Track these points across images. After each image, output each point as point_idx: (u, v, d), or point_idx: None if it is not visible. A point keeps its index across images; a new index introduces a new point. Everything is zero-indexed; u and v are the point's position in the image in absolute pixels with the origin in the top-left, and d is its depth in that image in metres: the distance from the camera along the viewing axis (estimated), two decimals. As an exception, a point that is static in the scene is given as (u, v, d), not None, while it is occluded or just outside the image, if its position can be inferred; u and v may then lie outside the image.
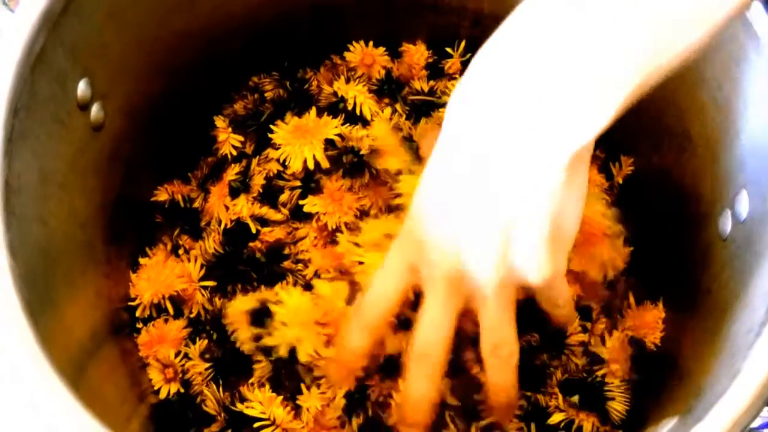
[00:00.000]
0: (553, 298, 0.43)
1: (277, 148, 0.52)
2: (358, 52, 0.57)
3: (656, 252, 0.52)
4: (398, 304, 0.42)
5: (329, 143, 0.52)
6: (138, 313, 0.49)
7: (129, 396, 0.46)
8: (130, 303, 0.49)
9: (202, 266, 0.50)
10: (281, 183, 0.53)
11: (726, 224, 0.45)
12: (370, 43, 0.57)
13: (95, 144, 0.46)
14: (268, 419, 0.45)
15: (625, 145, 0.54)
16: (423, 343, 0.41)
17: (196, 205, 0.53)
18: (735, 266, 0.43)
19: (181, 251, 0.52)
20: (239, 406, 0.46)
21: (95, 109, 0.45)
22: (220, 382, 0.48)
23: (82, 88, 0.43)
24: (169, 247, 0.52)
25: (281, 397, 0.46)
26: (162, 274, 0.49)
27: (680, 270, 0.49)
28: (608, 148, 0.55)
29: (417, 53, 0.57)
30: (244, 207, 0.52)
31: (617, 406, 0.48)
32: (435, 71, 0.57)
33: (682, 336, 0.48)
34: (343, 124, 0.53)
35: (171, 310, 0.49)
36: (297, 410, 0.46)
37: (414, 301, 0.43)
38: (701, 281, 0.47)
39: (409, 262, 0.41)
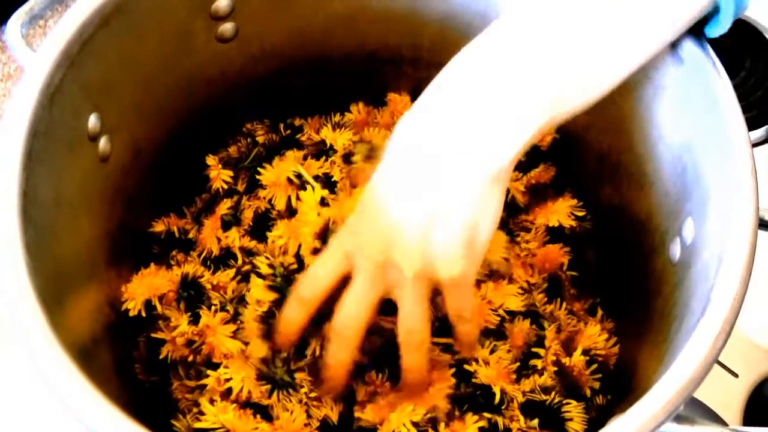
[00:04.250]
0: (460, 307, 0.51)
1: (265, 188, 0.61)
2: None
3: (619, 281, 0.60)
4: (331, 286, 0.52)
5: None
6: (131, 313, 0.56)
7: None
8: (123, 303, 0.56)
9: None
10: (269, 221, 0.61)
11: (676, 250, 0.53)
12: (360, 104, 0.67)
13: (102, 173, 0.54)
14: (222, 427, 0.51)
15: (591, 187, 0.62)
16: (342, 319, 0.51)
17: (190, 236, 0.62)
18: (683, 286, 0.51)
19: (173, 262, 0.60)
20: (196, 425, 0.52)
21: (103, 142, 0.54)
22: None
23: (92, 121, 0.52)
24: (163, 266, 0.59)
25: (234, 405, 0.52)
26: (154, 280, 0.57)
27: (638, 296, 0.57)
28: (577, 190, 0.63)
29: (401, 103, 0.66)
30: (236, 239, 0.60)
31: (576, 426, 0.54)
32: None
33: (638, 357, 0.55)
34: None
35: (160, 309, 0.56)
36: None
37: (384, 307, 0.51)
38: (656, 305, 0.54)
39: (345, 251, 0.51)
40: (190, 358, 0.55)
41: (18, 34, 0.52)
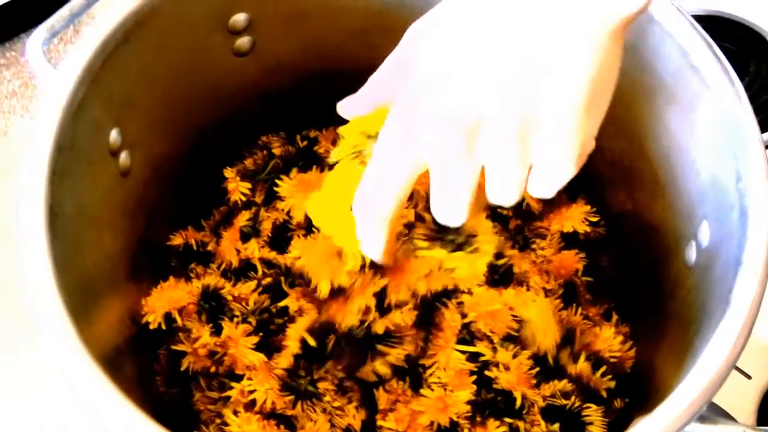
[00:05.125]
0: None
1: (283, 200, 0.62)
2: None
3: (634, 285, 0.61)
4: (410, 184, 0.42)
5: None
6: (152, 326, 0.57)
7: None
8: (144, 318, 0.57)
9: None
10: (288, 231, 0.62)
11: (691, 253, 0.54)
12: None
13: (122, 188, 0.55)
14: None
15: (604, 193, 0.64)
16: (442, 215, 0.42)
17: (209, 248, 0.63)
18: (699, 289, 0.52)
19: (192, 275, 0.61)
20: None
21: (123, 157, 0.55)
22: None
23: (113, 136, 0.53)
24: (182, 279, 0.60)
25: (257, 416, 0.53)
26: (173, 293, 0.58)
27: (653, 300, 0.58)
28: (590, 196, 0.64)
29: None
30: (255, 250, 0.61)
31: (596, 430, 0.55)
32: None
33: (655, 360, 0.56)
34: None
35: (180, 321, 0.57)
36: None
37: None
38: (671, 308, 0.56)
39: (412, 140, 0.41)
40: (212, 369, 0.56)
41: (39, 51, 0.53)
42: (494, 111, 0.38)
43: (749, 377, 0.68)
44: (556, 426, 0.55)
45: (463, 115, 0.38)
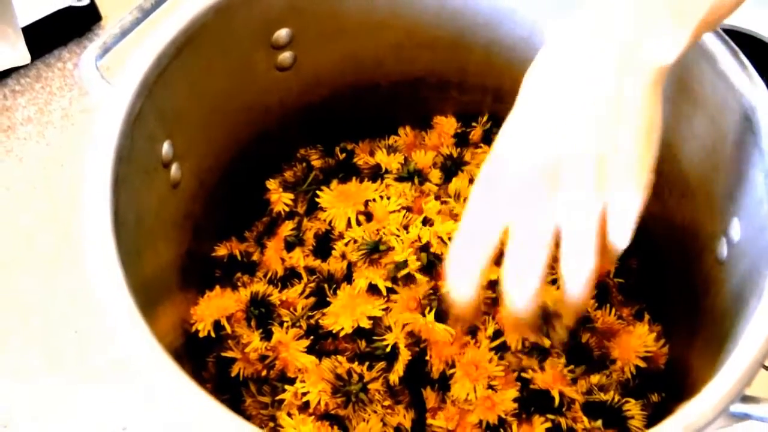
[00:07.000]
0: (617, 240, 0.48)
1: (324, 211, 0.64)
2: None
3: (666, 286, 0.64)
4: (496, 243, 0.46)
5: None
6: (201, 333, 0.59)
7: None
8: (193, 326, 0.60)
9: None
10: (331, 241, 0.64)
11: (723, 250, 0.57)
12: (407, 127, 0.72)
13: (173, 199, 0.58)
14: None
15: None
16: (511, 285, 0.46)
17: (254, 258, 0.65)
18: (732, 281, 0.55)
19: (239, 283, 0.64)
20: None
21: (174, 168, 0.58)
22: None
23: (165, 148, 0.56)
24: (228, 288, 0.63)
25: (312, 418, 0.56)
26: (221, 301, 0.60)
27: (686, 297, 0.61)
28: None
29: (447, 124, 0.71)
30: (300, 258, 0.63)
31: (637, 423, 0.58)
32: (461, 140, 0.71)
33: (689, 355, 0.59)
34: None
35: (228, 329, 0.59)
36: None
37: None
38: (704, 304, 0.58)
39: (500, 194, 0.46)
40: (263, 374, 0.59)
41: (93, 67, 0.56)
42: (574, 150, 0.45)
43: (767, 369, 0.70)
44: (599, 422, 0.57)
45: (545, 160, 0.45)
